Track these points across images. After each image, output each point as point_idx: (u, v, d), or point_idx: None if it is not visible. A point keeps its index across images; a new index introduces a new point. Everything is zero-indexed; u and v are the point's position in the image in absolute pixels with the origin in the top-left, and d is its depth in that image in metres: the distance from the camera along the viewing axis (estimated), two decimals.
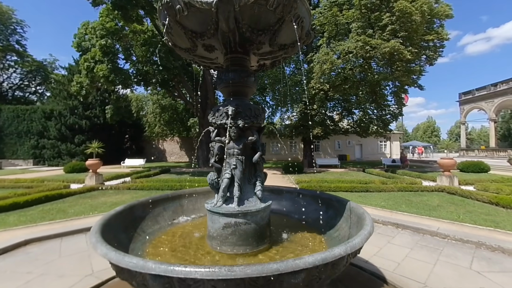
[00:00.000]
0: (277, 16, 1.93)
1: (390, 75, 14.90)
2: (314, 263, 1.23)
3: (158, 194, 9.09)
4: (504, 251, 4.20)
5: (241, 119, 2.19)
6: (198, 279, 1.15)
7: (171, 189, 10.25)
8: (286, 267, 1.17)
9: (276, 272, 1.16)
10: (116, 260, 1.28)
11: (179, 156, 36.30)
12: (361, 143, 32.55)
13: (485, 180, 10.92)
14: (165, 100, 27.90)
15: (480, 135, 61.84)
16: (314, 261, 1.23)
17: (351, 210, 2.39)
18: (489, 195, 7.61)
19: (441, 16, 14.55)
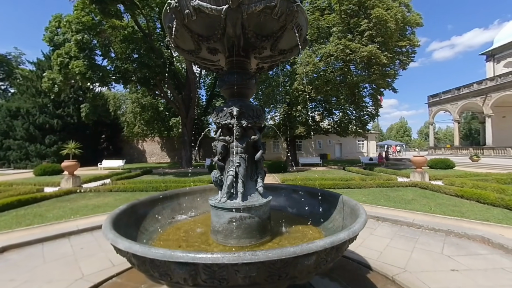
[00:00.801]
0: (280, 24, 2.08)
1: (367, 78, 15.76)
2: (324, 246, 1.40)
3: (143, 196, 8.87)
4: (469, 238, 4.73)
5: (244, 119, 2.31)
6: (223, 264, 1.26)
7: (156, 190, 10.05)
8: (302, 250, 1.33)
9: (293, 254, 1.31)
10: (142, 252, 1.35)
11: (160, 157, 35.27)
12: (341, 143, 33.91)
13: (451, 176, 11.98)
14: (145, 99, 26.97)
15: (445, 134, 67.08)
16: (324, 244, 1.40)
17: (343, 203, 2.61)
18: (455, 189, 8.41)
19: (412, 24, 15.68)
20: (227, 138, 2.35)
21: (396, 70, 16.60)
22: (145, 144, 34.46)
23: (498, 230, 4.93)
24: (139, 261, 1.44)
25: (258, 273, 1.32)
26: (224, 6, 1.86)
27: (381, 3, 14.04)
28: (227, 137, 2.36)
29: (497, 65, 28.68)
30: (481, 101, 24.76)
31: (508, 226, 5.17)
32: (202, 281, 1.35)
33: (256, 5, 1.87)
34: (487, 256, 4.05)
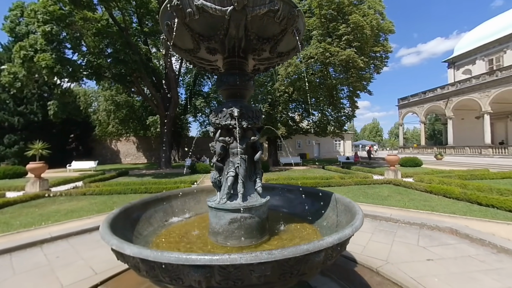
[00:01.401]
0: (281, 28, 2.13)
1: (346, 80, 16.48)
2: (333, 242, 1.47)
3: (121, 199, 8.45)
4: (440, 229, 5.17)
5: (244, 120, 2.32)
6: (239, 264, 1.27)
7: (134, 192, 9.63)
8: (314, 247, 1.38)
9: (306, 252, 1.36)
10: (155, 257, 1.30)
11: (136, 157, 33.71)
12: (319, 143, 35.03)
13: (420, 173, 12.98)
14: (120, 97, 25.56)
15: (413, 135, 72.31)
16: (333, 241, 1.47)
17: (336, 200, 2.73)
18: (424, 185, 9.13)
19: (386, 31, 16.71)
20: (226, 139, 2.34)
21: (371, 74, 17.57)
22: (120, 144, 32.70)
23: (463, 222, 5.46)
24: (148, 267, 1.39)
25: (272, 272, 1.35)
26: (229, 8, 1.86)
27: (358, 9, 14.77)
28: (226, 138, 2.35)
29: (457, 71, 31.58)
30: (443, 104, 27.09)
31: (472, 218, 5.74)
32: (216, 283, 1.35)
33: (261, 8, 1.90)
34: (456, 245, 4.48)
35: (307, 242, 1.44)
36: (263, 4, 1.89)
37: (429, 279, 3.33)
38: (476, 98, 23.68)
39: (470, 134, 26.69)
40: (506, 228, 5.06)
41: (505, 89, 21.40)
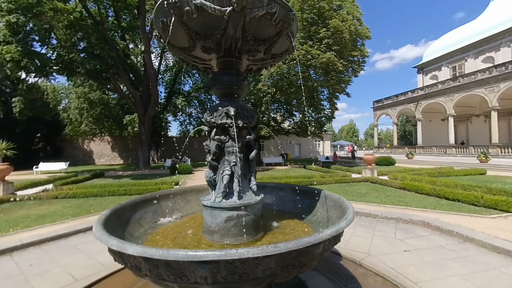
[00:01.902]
0: (277, 30, 2.20)
1: (326, 83, 17.06)
2: (331, 234, 1.56)
3: (98, 202, 8.03)
4: (414, 223, 5.58)
5: (240, 119, 2.36)
6: (245, 258, 1.31)
7: (113, 195, 9.19)
8: (315, 239, 1.46)
9: (308, 244, 1.43)
10: (160, 255, 1.29)
11: (111, 158, 32.05)
12: (300, 143, 35.86)
13: (394, 171, 13.83)
14: (93, 94, 24.12)
15: (386, 135, 76.62)
16: (331, 233, 1.56)
17: (326, 197, 2.87)
18: (398, 183, 9.76)
19: (363, 36, 17.56)
20: (222, 138, 2.36)
21: (350, 77, 18.37)
22: (93, 144, 30.87)
23: (434, 215, 5.95)
24: (151, 266, 1.38)
25: (277, 264, 1.40)
26: (228, 8, 1.88)
27: (337, 15, 15.38)
28: (222, 136, 2.37)
29: (425, 77, 34.08)
30: (414, 107, 29.07)
31: (441, 211, 6.27)
32: (222, 278, 1.37)
33: (259, 10, 1.95)
34: (428, 237, 4.87)
35: (307, 235, 1.51)
36: (261, 6, 1.95)
37: (407, 268, 3.60)
38: (441, 101, 25.72)
39: (437, 135, 28.94)
40: (470, 220, 5.60)
41: (466, 94, 23.49)
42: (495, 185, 8.60)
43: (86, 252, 4.49)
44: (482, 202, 6.49)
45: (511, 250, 3.97)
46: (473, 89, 22.80)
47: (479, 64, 27.10)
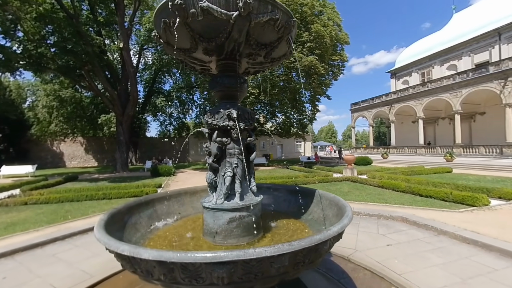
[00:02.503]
0: (278, 35, 2.27)
1: (308, 85, 17.55)
2: (337, 231, 1.66)
3: (74, 207, 7.56)
4: (394, 219, 5.96)
5: (241, 121, 2.39)
6: (261, 257, 1.35)
7: (91, 199, 8.70)
8: (325, 236, 1.54)
9: (319, 241, 1.50)
10: (179, 258, 1.28)
11: (84, 160, 30.15)
12: (282, 144, 36.40)
13: (372, 170, 14.59)
14: (65, 91, 22.53)
15: (362, 136, 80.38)
16: (338, 230, 1.65)
17: (320, 196, 2.99)
18: (377, 181, 10.33)
19: (342, 42, 18.35)
20: (224, 140, 2.37)
21: (330, 80, 19.07)
22: (64, 145, 28.80)
23: (410, 211, 6.39)
24: (166, 269, 1.36)
25: (289, 262, 1.46)
26: (234, 13, 1.91)
27: (319, 20, 15.91)
28: (223, 138, 2.38)
29: (397, 81, 36.35)
30: (387, 109, 30.87)
31: (416, 207, 6.75)
32: (238, 278, 1.40)
33: (264, 16, 2.00)
34: (408, 231, 5.23)
35: (318, 233, 1.59)
36: (266, 12, 2.00)
37: (391, 261, 3.85)
38: (412, 105, 27.59)
39: (408, 136, 30.96)
40: (442, 214, 6.09)
41: (433, 98, 25.42)
42: (461, 182, 9.43)
43: (67, 261, 4.23)
44: (451, 197, 7.10)
45: (479, 241, 4.40)
46: (439, 94, 24.76)
47: (444, 71, 29.50)
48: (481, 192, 7.34)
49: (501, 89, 20.06)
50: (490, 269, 3.59)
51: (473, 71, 22.75)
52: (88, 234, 5.55)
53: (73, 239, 5.27)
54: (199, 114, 29.93)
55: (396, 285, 3.21)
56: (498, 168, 15.13)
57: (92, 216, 6.82)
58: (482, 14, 27.72)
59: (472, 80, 22.13)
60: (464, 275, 3.45)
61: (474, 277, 3.40)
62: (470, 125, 26.23)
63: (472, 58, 27.26)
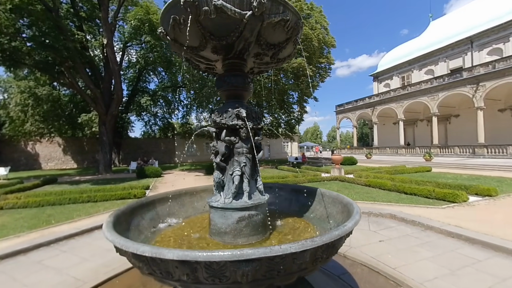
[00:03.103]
0: (287, 36, 2.30)
1: (297, 86, 17.82)
2: (352, 227, 1.71)
3: (56, 211, 7.18)
4: (383, 216, 6.20)
5: (250, 120, 2.39)
6: (286, 254, 1.37)
7: (74, 203, 8.30)
8: (342, 232, 1.59)
9: (338, 237, 1.55)
10: (205, 257, 1.26)
11: (62, 162, 28.59)
12: (269, 144, 36.61)
13: (358, 170, 15.07)
14: (41, 89, 21.23)
15: (346, 137, 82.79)
16: (352, 226, 1.70)
17: (322, 194, 3.05)
18: (364, 180, 10.69)
19: (329, 45, 18.82)
20: (232, 139, 2.36)
21: (317, 82, 19.49)
22: (40, 146, 27.13)
23: (398, 208, 6.68)
24: (189, 269, 1.34)
25: (310, 258, 1.49)
26: (248, 12, 1.92)
27: (307, 23, 16.21)
28: (232, 137, 2.37)
29: (380, 84, 37.85)
30: (370, 111, 32.05)
31: (403, 204, 7.07)
32: (261, 275, 1.40)
33: (276, 16, 2.03)
34: (397, 227, 5.47)
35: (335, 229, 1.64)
36: (277, 13, 2.03)
37: (385, 256, 4.02)
38: (393, 107, 28.84)
39: (390, 137, 32.29)
40: (427, 211, 6.43)
41: (413, 101, 26.73)
42: (441, 180, 10.00)
43: (55, 267, 4.01)
44: (434, 195, 7.51)
45: (462, 234, 4.69)
46: (418, 97, 26.09)
47: (423, 75, 31.14)
48: (460, 189, 7.82)
49: (473, 93, 21.51)
50: (474, 260, 3.85)
51: (448, 76, 24.22)
52: (75, 239, 5.30)
53: (59, 245, 5.00)
54: (186, 114, 29.41)
55: (392, 279, 3.34)
56: (472, 167, 16.21)
57: (77, 220, 6.50)
58: (456, 23, 29.60)
59: (447, 84, 23.55)
60: (452, 267, 3.67)
61: (461, 268, 3.63)
62: (446, 127, 27.84)
63: (447, 63, 29.01)
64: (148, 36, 18.69)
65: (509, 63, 19.38)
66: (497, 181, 10.05)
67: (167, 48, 19.97)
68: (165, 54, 21.38)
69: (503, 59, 20.14)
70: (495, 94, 21.22)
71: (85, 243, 5.08)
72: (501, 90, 20.74)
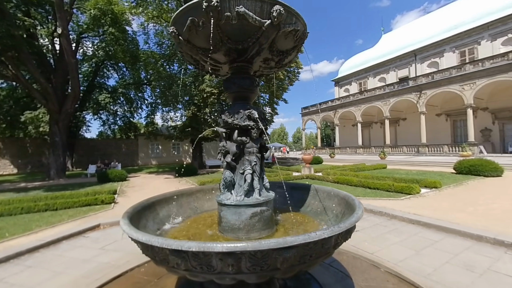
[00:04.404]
0: (294, 44, 2.50)
1: (268, 89, 18.31)
2: (359, 217, 1.97)
3: (8, 222, 6.35)
4: None
5: (260, 121, 2.53)
6: (319, 240, 1.54)
7: (28, 212, 7.37)
8: (357, 218, 1.83)
9: (354, 223, 1.79)
10: (254, 246, 1.36)
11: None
12: None
13: (325, 169, 16.14)
14: None
15: (310, 138, 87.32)
16: (356, 220, 1.93)
17: (316, 190, 3.34)
18: (332, 177, 11.56)
19: None
20: (244, 139, 2.46)
21: (287, 85, 20.30)
22: None
23: (365, 201, 7.43)
24: (235, 260, 1.43)
25: (333, 243, 1.70)
26: (267, 21, 2.06)
27: None
28: (243, 137, 2.47)
29: (340, 89, 40.96)
30: (333, 114, 34.48)
31: (369, 198, 7.89)
32: (297, 261, 1.56)
33: (290, 26, 2.21)
34: (367, 218, 6.11)
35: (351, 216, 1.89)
36: (291, 23, 2.22)
37: (363, 244, 4.51)
38: (352, 110, 31.49)
39: (349, 138, 35.16)
40: (389, 202, 7.30)
41: (369, 105, 29.57)
42: (397, 175, 11.36)
43: (23, 285, 3.57)
44: (394, 188, 8.55)
45: (420, 221, 5.49)
46: (373, 101, 28.99)
47: (377, 82, 34.67)
48: (413, 183, 9.02)
49: (417, 100, 24.78)
50: (432, 242, 4.57)
51: (397, 84, 27.47)
52: (40, 252, 4.74)
53: (21, 260, 4.42)
54: (150, 113, 27.81)
55: (372, 263, 3.79)
56: (418, 164, 18.68)
57: (38, 231, 5.79)
58: (403, 37, 33.71)
59: (397, 91, 26.68)
60: (417, 248, 4.31)
61: (424, 249, 4.28)
62: (396, 129, 31.45)
63: (396, 73, 32.83)
64: (111, 28, 17.20)
65: (444, 75, 22.86)
66: (439, 175, 11.82)
67: (133, 42, 18.68)
68: (131, 49, 19.94)
69: (439, 71, 23.65)
70: (434, 101, 24.78)
71: (54, 255, 4.58)
72: (438, 97, 24.31)
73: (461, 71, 21.50)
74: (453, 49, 26.96)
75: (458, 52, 26.56)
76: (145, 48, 22.55)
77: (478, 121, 22.93)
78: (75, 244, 5.09)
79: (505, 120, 22.46)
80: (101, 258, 4.33)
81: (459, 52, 26.46)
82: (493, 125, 23.09)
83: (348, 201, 2.59)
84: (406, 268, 3.61)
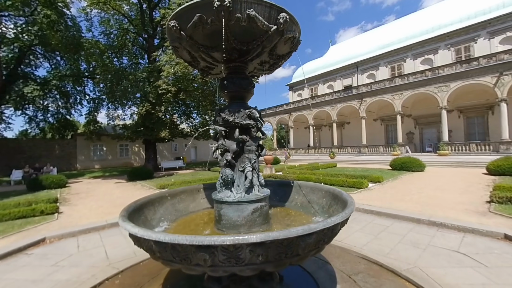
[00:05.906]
0: (289, 50, 2.70)
1: None
2: (352, 209, 2.25)
3: None
4: None
5: (258, 121, 2.62)
6: (333, 225, 1.74)
7: None
8: (351, 210, 2.11)
9: (351, 212, 2.05)
10: (284, 234, 1.44)
11: None
12: (196, 146, 35.52)
13: (284, 168, 16.99)
14: None
15: (267, 140, 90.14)
16: (351, 211, 2.22)
17: (299, 186, 3.61)
18: (293, 176, 12.29)
19: None
20: (244, 137, 2.52)
21: None
22: None
23: None
24: (264, 249, 1.50)
25: (339, 229, 1.94)
26: (274, 26, 2.19)
27: None
28: (244, 136, 2.53)
29: (294, 94, 43.59)
30: (287, 117, 36.45)
31: None
32: (314, 246, 1.72)
33: (291, 33, 2.39)
34: None
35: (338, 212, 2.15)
36: (292, 30, 2.40)
37: (346, 237, 4.95)
38: (305, 114, 33.87)
39: (302, 139, 37.67)
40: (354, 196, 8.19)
41: (319, 109, 32.27)
42: (347, 172, 12.78)
43: None
44: (347, 183, 9.62)
45: (373, 210, 6.37)
46: (323, 106, 31.78)
47: (326, 89, 38.12)
48: (362, 178, 10.31)
49: (359, 106, 28.22)
50: (385, 227, 5.37)
51: (343, 91, 30.76)
52: None
53: None
54: (93, 110, 24.64)
55: (343, 249, 4.27)
56: (361, 162, 21.29)
57: None
58: (347, 50, 37.99)
59: (342, 98, 29.87)
60: (374, 233, 5.02)
61: (380, 233, 5.01)
62: (342, 131, 35.11)
63: (342, 81, 36.73)
64: (46, 10, 14.60)
65: (379, 85, 26.66)
66: (380, 172, 13.76)
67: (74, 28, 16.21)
68: (73, 36, 17.29)
69: (376, 82, 27.49)
70: (372, 107, 28.60)
71: None
72: (375, 104, 28.17)
73: (392, 83, 25.43)
74: (386, 64, 31.68)
75: (390, 67, 31.35)
76: (87, 36, 19.95)
77: (404, 125, 27.42)
78: (16, 264, 4.26)
79: (423, 125, 27.48)
80: (58, 276, 3.76)
81: (390, 67, 31.26)
82: (415, 129, 27.99)
83: (334, 194, 2.90)
84: (370, 250, 4.19)
